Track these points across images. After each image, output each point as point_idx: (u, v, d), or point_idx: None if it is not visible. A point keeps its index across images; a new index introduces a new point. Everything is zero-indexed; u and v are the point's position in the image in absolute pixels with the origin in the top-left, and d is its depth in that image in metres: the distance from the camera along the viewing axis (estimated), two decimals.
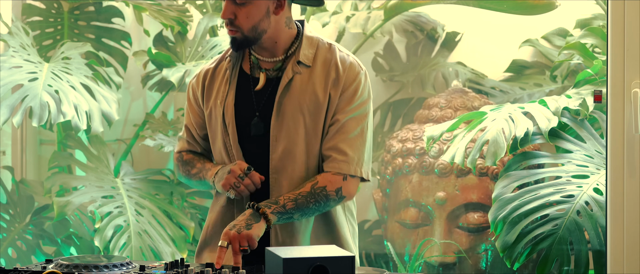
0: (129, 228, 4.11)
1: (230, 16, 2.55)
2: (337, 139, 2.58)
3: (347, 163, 2.57)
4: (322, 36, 2.70)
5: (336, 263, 2.18)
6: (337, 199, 2.57)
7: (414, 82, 4.46)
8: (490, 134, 3.60)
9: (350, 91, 2.60)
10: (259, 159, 2.61)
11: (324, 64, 2.61)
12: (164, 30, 4.51)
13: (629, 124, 3.12)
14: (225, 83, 2.66)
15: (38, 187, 4.55)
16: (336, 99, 2.59)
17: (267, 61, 2.64)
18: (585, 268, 3.48)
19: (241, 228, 2.45)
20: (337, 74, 2.60)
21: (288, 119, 2.58)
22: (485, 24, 4.37)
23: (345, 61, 2.62)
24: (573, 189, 3.53)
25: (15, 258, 4.45)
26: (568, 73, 4.11)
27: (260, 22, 2.56)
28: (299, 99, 2.58)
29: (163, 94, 4.56)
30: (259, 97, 2.62)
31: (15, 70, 4.14)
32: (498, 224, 3.51)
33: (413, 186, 4.04)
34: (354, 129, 2.59)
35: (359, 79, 2.61)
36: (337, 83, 2.60)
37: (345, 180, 2.58)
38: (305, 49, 2.62)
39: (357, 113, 2.60)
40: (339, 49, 2.66)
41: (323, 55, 2.63)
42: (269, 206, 2.49)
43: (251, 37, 2.57)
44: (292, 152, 2.58)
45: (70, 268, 2.35)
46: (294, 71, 2.60)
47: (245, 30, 2.56)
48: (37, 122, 3.95)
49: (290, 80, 2.59)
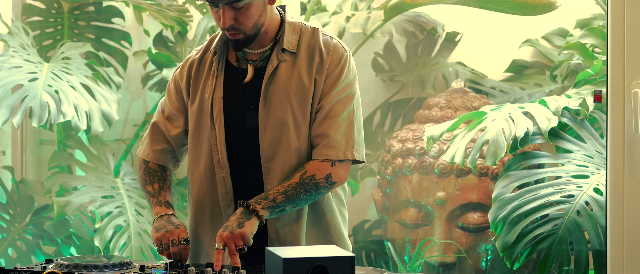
0: (129, 228, 4.11)
1: (231, 23, 2.51)
2: (325, 124, 2.56)
3: (335, 149, 2.55)
4: (304, 21, 2.67)
5: (336, 263, 2.18)
6: (328, 185, 2.55)
7: (414, 82, 4.46)
8: (490, 134, 3.60)
9: (335, 73, 2.58)
10: (247, 151, 2.59)
11: (307, 49, 2.60)
12: (164, 30, 4.51)
13: (629, 124, 3.12)
14: (212, 76, 2.63)
15: (38, 187, 4.55)
16: (322, 83, 2.57)
17: (253, 53, 2.62)
18: (585, 268, 3.48)
19: (234, 228, 2.45)
20: (321, 58, 2.58)
21: (275, 107, 2.56)
22: (485, 24, 4.37)
23: (329, 44, 2.60)
24: (573, 189, 3.53)
25: (15, 258, 4.45)
26: (568, 73, 4.11)
27: (259, 18, 2.55)
28: (285, 87, 2.57)
29: (163, 94, 4.56)
30: (250, 88, 2.61)
31: (15, 70, 4.14)
32: (498, 224, 3.51)
33: (413, 186, 4.04)
34: (341, 113, 2.57)
35: (343, 61, 2.59)
36: (322, 67, 2.58)
37: (334, 166, 2.55)
38: (288, 35, 2.60)
39: (343, 95, 2.58)
40: (322, 33, 2.64)
41: (307, 40, 2.61)
42: (259, 202, 2.49)
43: (252, 35, 2.56)
44: (282, 140, 2.56)
45: (70, 268, 2.35)
46: (279, 59, 2.58)
47: (248, 30, 2.54)
48: (37, 122, 3.95)
49: (276, 68, 2.58)
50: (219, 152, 2.59)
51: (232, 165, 2.60)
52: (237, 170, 2.61)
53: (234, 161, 2.61)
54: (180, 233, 2.52)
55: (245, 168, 2.60)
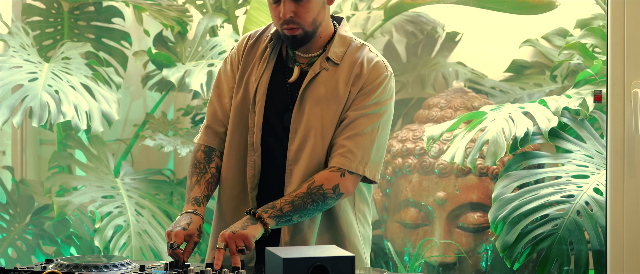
0: (129, 228, 4.11)
1: (291, 15, 2.52)
2: (344, 134, 2.57)
3: (348, 160, 2.55)
4: (355, 37, 2.68)
5: (336, 263, 2.18)
6: (335, 196, 2.55)
7: (414, 82, 4.46)
8: (490, 134, 3.60)
9: (370, 89, 2.58)
10: (277, 148, 2.61)
11: (351, 62, 2.60)
12: (164, 30, 4.51)
13: (629, 124, 3.12)
14: (263, 62, 2.65)
15: (38, 187, 4.55)
16: (355, 95, 2.58)
17: (302, 56, 2.63)
18: (585, 268, 3.48)
19: (236, 229, 2.46)
20: (361, 71, 2.59)
21: (307, 112, 2.57)
22: (485, 24, 4.37)
23: (372, 60, 2.61)
24: (573, 189, 3.53)
25: (15, 258, 4.45)
26: (568, 73, 4.11)
27: (318, 14, 2.55)
28: (320, 94, 2.57)
29: (163, 94, 4.56)
30: (293, 89, 2.62)
31: (15, 70, 4.14)
32: (498, 224, 3.51)
33: (413, 186, 4.04)
34: (364, 127, 2.57)
35: (381, 80, 2.59)
36: (359, 79, 2.58)
37: (343, 176, 2.55)
38: (336, 46, 2.61)
39: (371, 112, 2.58)
40: (370, 49, 2.64)
41: (352, 54, 2.62)
42: (266, 211, 2.49)
43: (311, 32, 2.56)
44: (307, 145, 2.57)
45: (70, 268, 2.35)
46: (322, 67, 2.59)
47: (307, 25, 2.54)
48: (37, 122, 3.95)
49: (316, 75, 2.59)
50: (254, 135, 2.61)
51: (264, 153, 2.62)
52: (267, 160, 2.63)
53: (267, 151, 2.62)
54: (174, 236, 2.52)
55: (273, 162, 2.62)
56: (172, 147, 4.26)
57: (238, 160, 2.65)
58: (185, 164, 4.67)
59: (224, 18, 4.49)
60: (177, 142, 4.31)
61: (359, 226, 2.68)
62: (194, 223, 2.54)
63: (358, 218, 2.68)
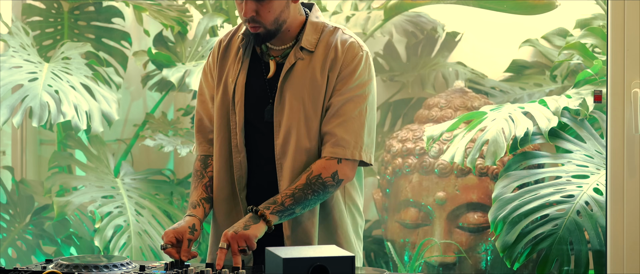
0: (129, 228, 4.11)
1: (252, 14, 2.51)
2: (333, 122, 2.55)
3: (343, 147, 2.54)
4: (328, 21, 2.66)
5: (336, 263, 2.18)
6: (335, 184, 2.55)
7: (414, 82, 4.46)
8: (490, 134, 3.60)
9: (348, 71, 2.56)
10: (263, 144, 2.60)
11: (325, 47, 2.58)
12: (164, 30, 4.51)
13: (629, 124, 3.12)
14: (237, 61, 2.64)
15: (38, 187, 4.55)
16: (334, 81, 2.56)
17: (275, 49, 2.62)
18: (585, 268, 3.48)
19: (239, 229, 2.46)
20: (336, 54, 2.57)
21: (289, 104, 2.56)
22: (485, 24, 4.37)
23: (346, 42, 2.59)
24: (573, 189, 3.53)
25: (15, 258, 4.45)
26: (568, 73, 4.11)
27: (281, 14, 2.54)
28: (299, 85, 2.56)
29: (163, 94, 4.56)
30: (271, 83, 2.61)
31: (15, 70, 4.14)
32: (498, 224, 3.51)
33: (413, 186, 4.04)
34: (351, 112, 2.55)
35: (358, 60, 2.57)
36: (335, 63, 2.56)
37: (340, 163, 2.54)
38: (309, 34, 2.59)
39: (355, 94, 2.56)
40: (343, 31, 2.62)
41: (326, 39, 2.60)
42: (268, 207, 2.49)
43: (273, 30, 2.55)
44: (292, 137, 2.56)
45: (70, 268, 2.35)
46: (297, 57, 2.58)
47: (268, 24, 2.53)
48: (37, 122, 3.95)
49: (292, 66, 2.58)
50: (237, 137, 2.61)
51: (250, 153, 2.62)
52: (254, 160, 2.63)
53: (252, 149, 2.62)
54: (164, 235, 2.54)
55: (261, 161, 2.62)
56: (172, 147, 4.26)
57: (225, 163, 2.65)
58: (185, 164, 4.67)
59: (224, 18, 4.49)
60: (177, 142, 4.31)
61: (349, 216, 2.68)
62: (186, 222, 2.55)
63: (348, 206, 2.68)
